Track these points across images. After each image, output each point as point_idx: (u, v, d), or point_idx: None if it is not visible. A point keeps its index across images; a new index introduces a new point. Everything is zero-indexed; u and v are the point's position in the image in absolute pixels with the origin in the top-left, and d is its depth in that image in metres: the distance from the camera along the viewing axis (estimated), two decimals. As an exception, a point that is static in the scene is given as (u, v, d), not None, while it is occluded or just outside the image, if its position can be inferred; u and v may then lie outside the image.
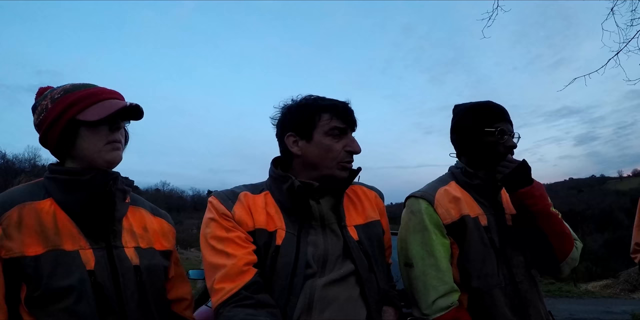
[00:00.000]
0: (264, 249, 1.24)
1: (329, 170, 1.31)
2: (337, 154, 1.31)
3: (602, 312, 8.58)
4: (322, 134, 1.31)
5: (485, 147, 1.53)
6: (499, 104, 1.59)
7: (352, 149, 1.32)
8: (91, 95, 1.16)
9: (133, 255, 1.18)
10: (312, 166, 1.33)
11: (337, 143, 1.31)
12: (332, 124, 1.31)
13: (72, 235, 1.10)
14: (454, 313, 1.39)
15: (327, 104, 1.34)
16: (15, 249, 1.03)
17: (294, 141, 1.34)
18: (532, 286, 1.50)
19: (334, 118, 1.32)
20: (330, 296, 1.21)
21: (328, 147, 1.30)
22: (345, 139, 1.33)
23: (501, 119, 1.54)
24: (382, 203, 1.52)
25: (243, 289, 1.15)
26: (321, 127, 1.32)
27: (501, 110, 1.56)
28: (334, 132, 1.31)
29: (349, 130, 1.35)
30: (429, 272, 1.43)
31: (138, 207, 1.32)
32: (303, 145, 1.33)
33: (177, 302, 1.34)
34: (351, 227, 1.35)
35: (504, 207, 1.57)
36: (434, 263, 1.43)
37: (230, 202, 1.29)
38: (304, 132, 1.33)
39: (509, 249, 1.49)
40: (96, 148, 1.15)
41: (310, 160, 1.32)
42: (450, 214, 1.49)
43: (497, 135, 1.51)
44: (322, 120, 1.32)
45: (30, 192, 1.13)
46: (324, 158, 1.31)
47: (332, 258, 1.27)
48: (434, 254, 1.44)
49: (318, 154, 1.31)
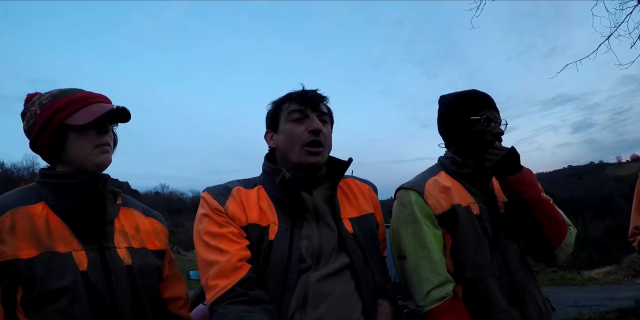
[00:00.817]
0: (257, 244, 1.23)
1: (296, 157, 1.31)
2: (300, 136, 1.30)
3: (606, 299, 8.59)
4: (284, 122, 1.34)
5: (472, 135, 1.53)
6: (483, 92, 1.59)
7: (312, 128, 1.30)
8: (78, 100, 1.18)
9: (125, 255, 1.19)
10: (284, 156, 1.34)
11: (299, 126, 1.31)
12: (290, 108, 1.33)
13: (65, 238, 1.12)
14: (449, 304, 1.39)
15: (288, 93, 1.37)
16: (9, 253, 1.05)
17: (270, 136, 1.39)
18: (527, 274, 1.50)
19: (292, 103, 1.34)
20: (325, 291, 1.20)
21: (290, 131, 1.31)
22: (307, 121, 1.32)
23: (486, 106, 1.54)
24: (376, 196, 1.51)
25: (237, 286, 1.14)
26: (283, 115, 1.35)
27: (486, 98, 1.56)
28: (293, 116, 1.32)
29: (309, 111, 1.33)
30: (422, 264, 1.42)
31: (130, 208, 1.34)
32: (275, 137, 1.38)
33: (172, 301, 1.35)
34: (346, 219, 1.34)
35: (495, 195, 1.56)
36: (426, 255, 1.43)
37: (223, 197, 1.29)
38: (273, 124, 1.38)
39: (502, 237, 1.48)
40: (85, 152, 1.16)
41: (281, 150, 1.35)
42: (440, 204, 1.48)
43: (483, 123, 1.51)
44: (283, 109, 1.36)
45: (22, 197, 1.15)
46: (289, 144, 1.32)
47: (327, 251, 1.26)
48: (426, 245, 1.44)
49: (284, 142, 1.33)
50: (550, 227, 1.45)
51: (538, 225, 1.44)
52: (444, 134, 1.66)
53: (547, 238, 1.45)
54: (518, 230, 1.51)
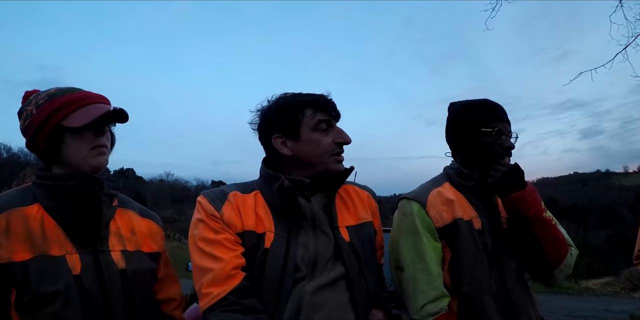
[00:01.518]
0: (252, 251, 1.22)
1: (323, 166, 1.29)
2: (328, 147, 1.29)
3: (601, 311, 8.54)
4: (309, 131, 1.29)
5: (481, 147, 1.49)
6: (496, 102, 1.55)
7: (342, 140, 1.30)
8: (75, 101, 1.16)
9: (120, 259, 1.19)
10: (306, 164, 1.30)
11: (326, 137, 1.29)
12: (316, 119, 1.29)
13: (59, 241, 1.11)
14: (443, 319, 1.37)
15: (307, 99, 1.32)
16: (3, 255, 1.04)
17: (282, 142, 1.31)
18: (524, 291, 1.48)
19: (318, 112, 1.30)
20: (319, 302, 1.20)
21: (318, 142, 1.28)
22: (332, 131, 1.31)
23: (499, 118, 1.50)
24: (375, 203, 1.49)
25: (230, 294, 1.14)
26: (306, 123, 1.29)
27: (499, 109, 1.52)
28: (320, 126, 1.29)
29: (334, 122, 1.33)
30: (419, 276, 1.41)
31: (126, 209, 1.32)
32: (292, 145, 1.30)
33: (166, 302, 1.34)
34: (343, 228, 1.33)
35: (499, 210, 1.53)
36: (424, 267, 1.41)
37: (219, 202, 1.27)
38: (291, 131, 1.30)
39: (502, 253, 1.46)
40: (81, 154, 1.15)
41: (303, 158, 1.30)
42: (442, 217, 1.46)
43: (494, 135, 1.47)
44: (306, 117, 1.29)
45: (18, 198, 1.15)
46: (316, 154, 1.29)
47: (323, 260, 1.25)
48: (424, 258, 1.42)
49: (310, 151, 1.29)
50: (551, 247, 1.43)
51: (539, 243, 1.42)
52: (451, 143, 1.62)
53: (548, 257, 1.43)
54: (518, 247, 1.49)
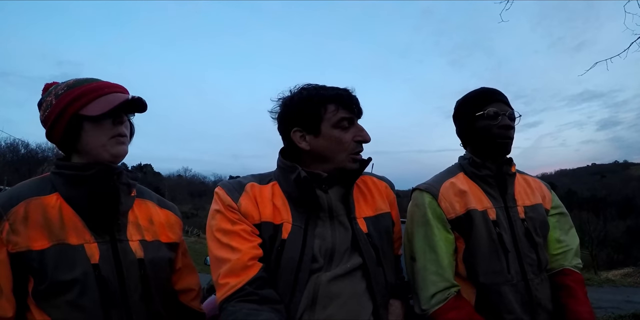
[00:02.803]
0: (269, 242, 1.23)
1: (340, 163, 1.28)
2: (348, 146, 1.28)
3: (622, 302, 8.44)
4: (330, 127, 1.27)
5: (479, 131, 1.50)
6: (491, 87, 1.56)
7: (362, 139, 1.29)
8: (93, 90, 1.17)
9: (138, 248, 1.19)
10: (323, 159, 1.29)
11: (346, 134, 1.28)
12: (339, 116, 1.27)
13: (77, 230, 1.12)
14: (453, 302, 1.38)
15: (331, 94, 1.29)
16: (21, 244, 1.05)
17: (300, 136, 1.30)
18: (543, 285, 1.46)
19: (340, 109, 1.28)
20: (334, 291, 1.20)
21: (338, 139, 1.27)
22: (353, 128, 1.29)
23: (492, 100, 1.51)
24: (393, 194, 1.48)
25: (247, 285, 1.14)
26: (328, 119, 1.27)
27: (492, 92, 1.54)
28: (342, 124, 1.28)
29: (355, 120, 1.31)
30: (429, 267, 1.41)
31: (144, 199, 1.33)
32: (311, 139, 1.29)
33: (184, 292, 1.35)
34: (360, 219, 1.32)
35: (515, 198, 1.51)
36: (434, 258, 1.42)
37: (236, 193, 1.27)
38: (311, 126, 1.28)
39: (520, 244, 1.44)
40: (100, 142, 1.15)
41: (321, 154, 1.29)
42: (454, 208, 1.45)
43: (487, 117, 1.47)
44: (328, 113, 1.27)
45: (37, 187, 1.16)
46: (335, 151, 1.28)
47: (340, 251, 1.25)
48: (435, 249, 1.42)
49: (328, 147, 1.28)
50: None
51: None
52: (458, 134, 1.64)
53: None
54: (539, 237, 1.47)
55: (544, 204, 1.57)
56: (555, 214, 1.59)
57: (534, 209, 1.51)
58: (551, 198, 1.62)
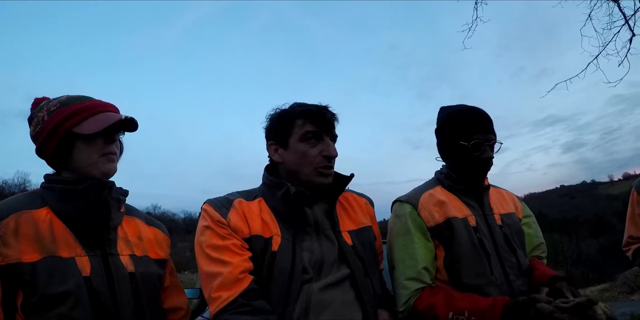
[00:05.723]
0: (260, 255, 1.24)
1: (306, 177, 1.32)
2: (313, 159, 1.31)
3: (601, 316, 8.51)
4: (296, 140, 1.32)
5: (461, 157, 1.55)
6: (481, 111, 1.58)
7: (327, 154, 1.31)
8: (87, 109, 1.19)
9: (128, 262, 1.19)
10: (293, 173, 1.34)
11: (312, 148, 1.31)
12: (304, 129, 1.32)
13: (68, 243, 1.12)
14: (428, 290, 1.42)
15: (301, 109, 1.34)
16: (12, 256, 1.04)
17: (275, 149, 1.37)
18: (525, 286, 1.50)
19: (307, 123, 1.32)
20: (326, 300, 1.22)
21: (303, 153, 1.31)
22: (321, 144, 1.33)
23: (479, 129, 1.53)
24: (372, 210, 1.53)
25: (240, 297, 1.15)
26: (295, 133, 1.33)
27: (480, 120, 1.56)
28: (307, 137, 1.32)
29: (324, 135, 1.34)
30: (408, 272, 1.45)
31: (133, 217, 1.34)
32: (282, 153, 1.35)
33: (173, 311, 1.35)
34: (345, 232, 1.36)
35: (491, 207, 1.59)
36: (413, 265, 1.45)
37: (224, 209, 1.30)
38: (282, 139, 1.35)
39: (500, 249, 1.49)
40: (91, 160, 1.17)
41: (290, 167, 1.34)
42: (434, 217, 1.50)
43: (470, 148, 1.51)
44: (296, 127, 1.33)
45: (27, 201, 1.15)
46: (301, 164, 1.31)
47: (328, 263, 1.28)
48: (415, 257, 1.46)
49: (295, 161, 1.32)
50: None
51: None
52: (438, 148, 1.67)
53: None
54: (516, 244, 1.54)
55: (517, 213, 1.66)
56: (527, 222, 1.70)
57: (510, 217, 1.59)
58: (522, 208, 1.72)
